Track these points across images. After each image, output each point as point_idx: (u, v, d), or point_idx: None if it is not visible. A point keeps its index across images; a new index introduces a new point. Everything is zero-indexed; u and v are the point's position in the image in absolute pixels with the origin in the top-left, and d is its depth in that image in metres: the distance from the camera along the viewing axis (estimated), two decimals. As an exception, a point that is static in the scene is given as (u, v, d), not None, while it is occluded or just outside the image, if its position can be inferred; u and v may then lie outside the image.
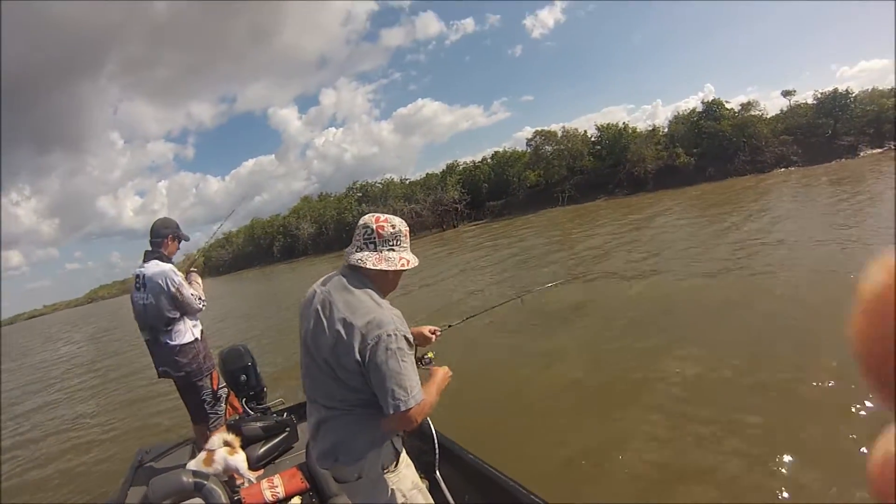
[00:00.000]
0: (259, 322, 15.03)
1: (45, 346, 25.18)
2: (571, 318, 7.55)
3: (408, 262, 1.63)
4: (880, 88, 33.62)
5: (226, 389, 3.36)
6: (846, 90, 31.52)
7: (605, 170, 31.73)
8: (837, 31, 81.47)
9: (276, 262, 46.35)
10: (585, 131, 34.82)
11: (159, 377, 3.16)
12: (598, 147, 33.22)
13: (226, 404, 3.35)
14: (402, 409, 1.51)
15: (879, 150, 29.37)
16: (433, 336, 2.14)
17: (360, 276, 1.61)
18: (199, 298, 3.13)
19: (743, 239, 10.76)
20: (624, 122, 33.71)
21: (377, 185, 43.43)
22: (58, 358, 18.53)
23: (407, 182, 42.19)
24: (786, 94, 34.11)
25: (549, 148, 33.98)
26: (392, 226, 1.61)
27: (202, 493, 2.45)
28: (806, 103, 33.00)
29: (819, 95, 32.14)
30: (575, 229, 19.76)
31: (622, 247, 13.04)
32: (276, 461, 3.34)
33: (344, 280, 1.62)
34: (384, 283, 1.64)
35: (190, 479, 2.46)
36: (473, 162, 38.85)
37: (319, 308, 1.59)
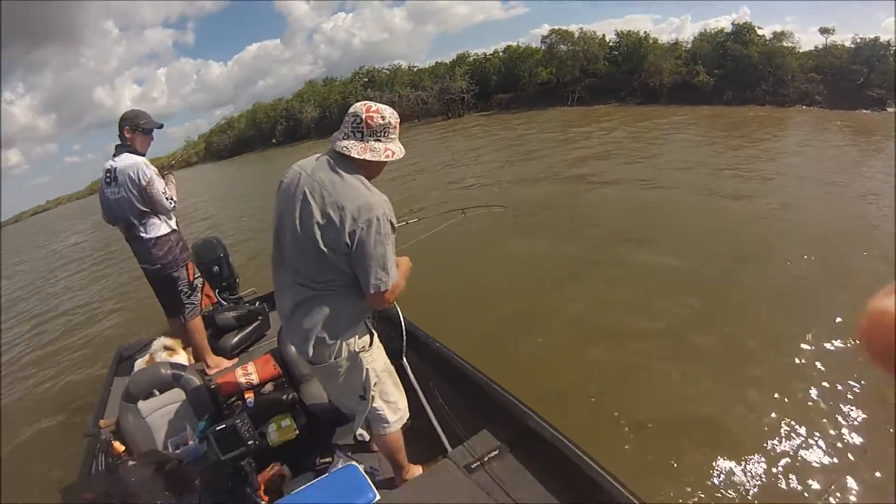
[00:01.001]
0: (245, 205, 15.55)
1: (51, 239, 25.36)
2: (542, 218, 7.79)
3: (393, 153, 1.64)
4: None
5: (201, 280, 3.30)
6: (888, 41, 30.04)
7: (619, 76, 30.43)
8: None
9: (278, 145, 45.67)
10: (604, 35, 33.28)
11: (141, 268, 3.11)
12: (616, 53, 31.86)
13: (201, 294, 3.28)
14: (382, 289, 1.59)
15: None
16: None
17: (348, 161, 1.62)
18: (170, 199, 2.98)
19: (739, 164, 10.39)
20: (645, 32, 32.12)
21: (384, 70, 42.28)
22: (67, 246, 19.27)
23: (415, 69, 40.98)
24: (823, 31, 32.24)
25: (564, 47, 32.51)
26: (382, 117, 1.61)
27: (180, 384, 2.53)
28: (843, 45, 31.46)
29: (858, 40, 30.68)
30: (578, 129, 19.43)
31: (617, 153, 12.89)
32: (250, 349, 3.43)
33: (333, 164, 1.63)
34: (369, 169, 1.66)
35: (168, 371, 2.55)
36: (485, 54, 37.61)
37: (307, 191, 1.59)
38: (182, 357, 3.04)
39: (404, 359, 2.45)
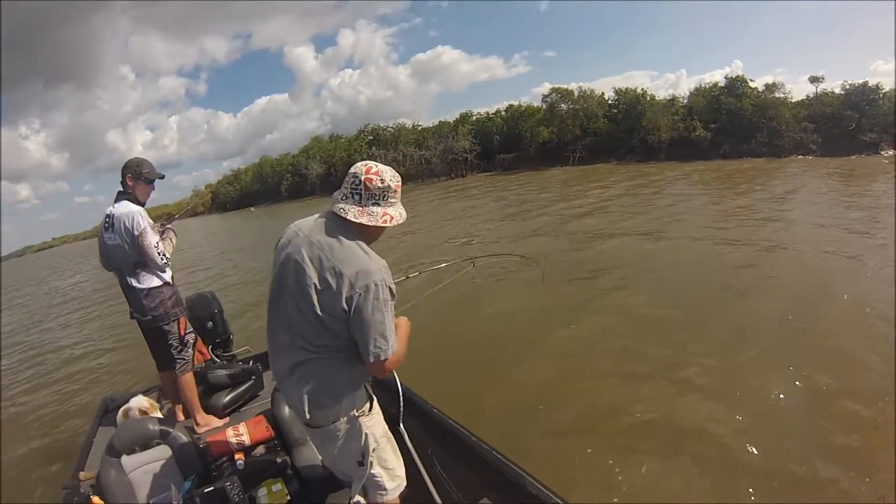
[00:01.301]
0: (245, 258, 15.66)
1: (54, 276, 26.31)
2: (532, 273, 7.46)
3: (391, 218, 1.59)
4: None
5: (193, 335, 3.23)
6: (877, 85, 30.59)
7: (618, 134, 31.41)
8: (878, 23, 78.80)
9: (284, 200, 46.48)
10: (603, 93, 34.41)
11: (131, 318, 3.06)
12: (615, 111, 32.87)
13: (193, 350, 3.22)
14: (382, 357, 1.55)
15: None
16: None
17: (346, 224, 1.58)
18: (162, 254, 2.92)
19: (739, 214, 10.78)
20: (643, 89, 33.30)
21: (389, 129, 43.29)
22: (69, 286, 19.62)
23: (419, 128, 42.00)
24: (813, 80, 33.00)
25: (564, 106, 33.58)
26: (381, 180, 1.56)
27: (167, 440, 2.46)
28: (833, 93, 32.04)
29: (847, 86, 31.09)
30: (576, 188, 20.05)
31: (616, 209, 13.15)
32: (242, 409, 3.33)
33: (331, 226, 1.60)
34: (368, 233, 1.62)
35: (156, 427, 2.50)
36: (487, 113, 38.75)
37: (306, 254, 1.56)
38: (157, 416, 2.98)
39: (402, 425, 2.36)
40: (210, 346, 3.95)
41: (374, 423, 1.77)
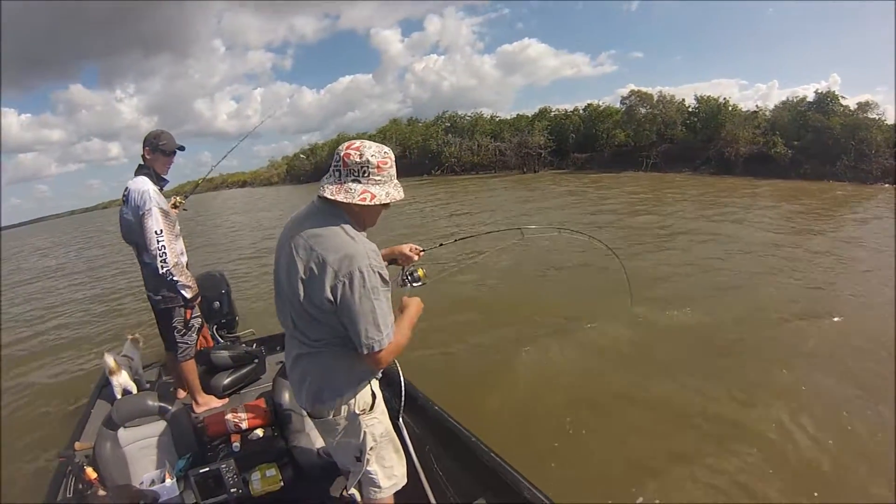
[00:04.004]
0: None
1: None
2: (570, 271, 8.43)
3: (372, 196, 1.50)
4: None
5: (199, 320, 3.15)
6: None
7: (696, 143, 30.81)
8: None
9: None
10: (683, 100, 33.63)
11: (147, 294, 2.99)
12: (694, 119, 32.27)
13: (198, 336, 3.14)
14: (376, 349, 1.48)
15: None
16: (415, 255, 2.10)
17: (335, 209, 1.53)
18: (162, 248, 2.70)
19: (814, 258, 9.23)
20: (725, 98, 32.12)
21: (467, 117, 44.03)
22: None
23: (497, 120, 42.64)
24: (914, 101, 31.27)
25: (643, 110, 33.20)
26: (360, 155, 1.49)
27: (166, 417, 2.45)
28: None
29: None
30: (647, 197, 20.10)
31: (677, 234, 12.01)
32: (242, 391, 3.31)
33: (317, 212, 1.56)
34: (359, 216, 1.56)
35: (155, 403, 2.46)
36: (565, 110, 38.52)
37: (293, 244, 1.52)
38: (123, 379, 2.98)
39: (401, 420, 2.33)
40: (214, 326, 3.96)
41: (375, 422, 1.73)
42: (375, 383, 1.75)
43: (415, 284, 2.06)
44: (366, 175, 1.50)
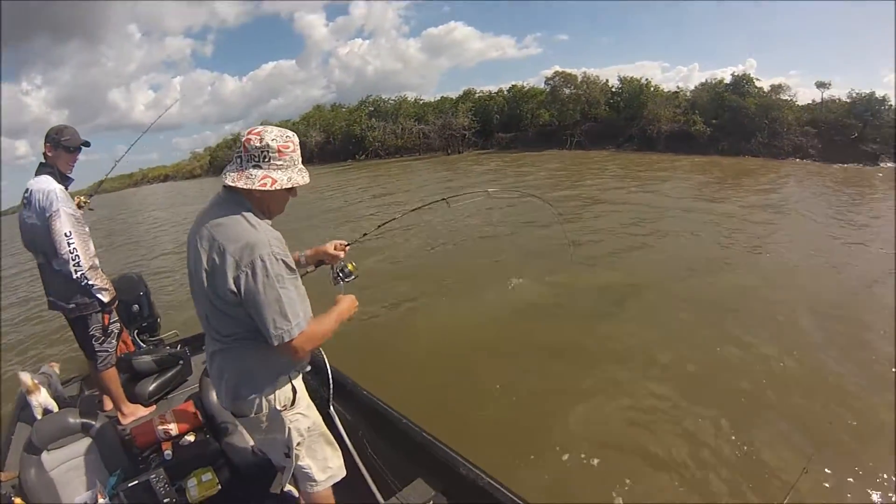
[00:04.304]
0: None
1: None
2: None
3: (273, 181, 1.45)
4: None
5: (118, 325, 3.00)
6: (883, 97, 30.37)
7: (619, 122, 31.14)
8: None
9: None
10: (607, 80, 34.11)
11: (49, 308, 2.79)
12: (618, 98, 32.56)
13: (118, 341, 3.01)
14: (286, 339, 1.42)
15: None
16: (341, 252, 2.04)
17: (238, 197, 1.48)
18: (74, 252, 2.51)
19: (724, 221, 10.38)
20: (647, 79, 32.91)
21: (390, 101, 42.95)
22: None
23: (420, 102, 41.76)
24: (819, 85, 32.71)
25: (567, 90, 33.26)
26: (260, 139, 1.44)
27: (90, 433, 2.35)
28: (839, 100, 31.97)
29: (854, 95, 30.97)
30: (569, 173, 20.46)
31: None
32: (169, 396, 3.22)
33: (220, 201, 1.50)
34: (263, 203, 1.51)
35: (77, 420, 2.35)
36: (490, 92, 38.42)
37: (197, 236, 1.46)
38: (42, 398, 2.77)
39: (332, 408, 2.30)
40: (135, 331, 3.82)
41: (299, 417, 1.68)
42: (299, 377, 1.70)
43: (347, 280, 2.01)
44: (266, 160, 1.46)
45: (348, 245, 2.08)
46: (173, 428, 2.46)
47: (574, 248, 7.88)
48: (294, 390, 1.65)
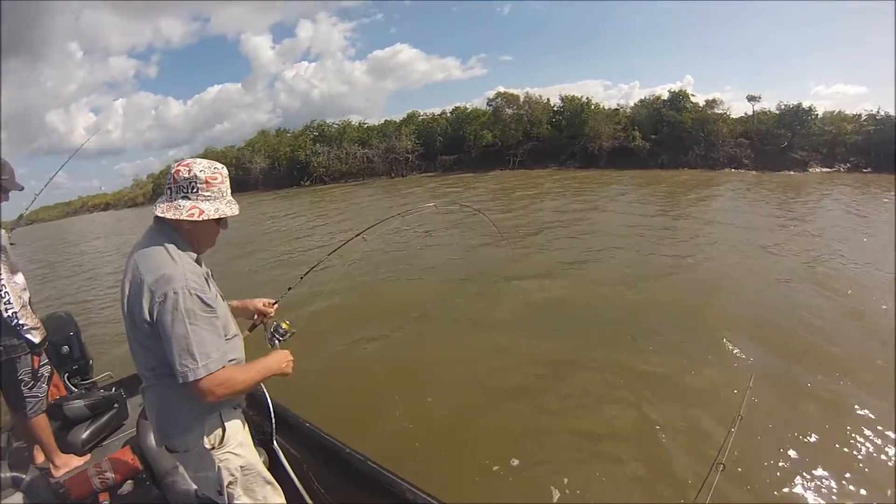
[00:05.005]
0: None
1: None
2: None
3: (200, 212, 1.46)
4: (845, 113, 34.24)
5: (49, 368, 2.83)
6: (809, 107, 32.09)
7: (561, 140, 31.39)
8: (827, 51, 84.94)
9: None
10: (549, 100, 34.42)
11: None
12: (560, 117, 32.85)
13: (48, 386, 2.81)
14: (191, 378, 1.37)
15: (828, 170, 29.94)
16: (270, 308, 2.02)
17: (167, 228, 1.49)
18: (2, 285, 2.40)
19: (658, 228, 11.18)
20: (588, 97, 33.39)
21: (334, 126, 42.07)
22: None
23: (365, 126, 41.09)
24: (750, 98, 34.34)
25: (509, 111, 33.41)
26: (189, 170, 1.46)
27: (21, 488, 2.27)
28: (770, 112, 33.48)
29: (783, 107, 32.67)
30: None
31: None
32: (105, 443, 3.05)
33: (151, 231, 1.50)
34: (192, 235, 1.51)
35: (7, 474, 2.30)
36: (433, 114, 38.27)
37: (127, 266, 1.46)
38: None
39: (275, 444, 2.25)
40: (66, 375, 3.60)
41: (230, 456, 1.62)
42: (229, 412, 1.64)
43: (283, 339, 1.97)
44: (194, 191, 1.47)
45: (275, 303, 2.06)
46: (110, 477, 2.41)
47: (513, 261, 8.32)
48: (224, 429, 1.60)
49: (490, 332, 5.62)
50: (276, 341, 1.97)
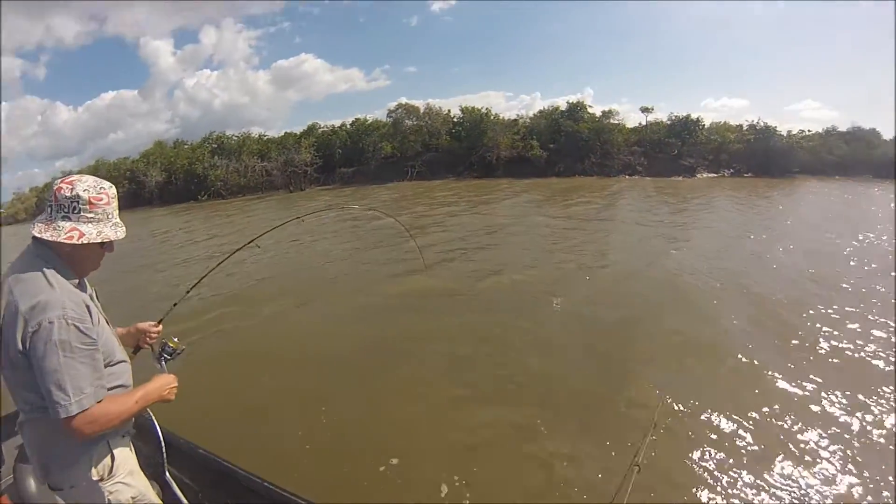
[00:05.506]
0: None
1: None
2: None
3: (81, 234, 1.36)
4: (729, 123, 36.78)
5: None
6: (697, 118, 34.26)
7: (459, 150, 31.25)
8: (716, 65, 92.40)
9: (121, 209, 41.45)
10: (449, 111, 34.34)
11: None
12: (459, 128, 32.74)
13: None
14: (62, 415, 1.27)
15: (714, 175, 32.11)
16: (154, 329, 1.92)
17: (45, 250, 1.39)
18: None
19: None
20: (487, 108, 33.55)
21: (234, 138, 40.02)
22: None
23: (264, 139, 39.43)
24: (644, 110, 36.15)
25: (409, 122, 33.05)
26: (71, 189, 1.38)
27: None
28: (662, 122, 35.35)
29: (673, 118, 34.69)
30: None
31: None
32: None
33: (27, 254, 1.40)
34: (74, 259, 1.42)
35: None
36: (333, 126, 37.15)
37: (2, 291, 1.36)
38: None
39: (167, 474, 2.04)
40: None
41: (119, 487, 1.53)
42: (118, 441, 1.58)
43: (172, 358, 1.95)
44: (76, 211, 1.38)
45: (160, 321, 1.99)
46: None
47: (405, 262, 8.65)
48: (113, 458, 1.53)
49: (370, 326, 5.83)
50: (164, 360, 1.92)
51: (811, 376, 4.35)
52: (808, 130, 36.21)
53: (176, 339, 1.99)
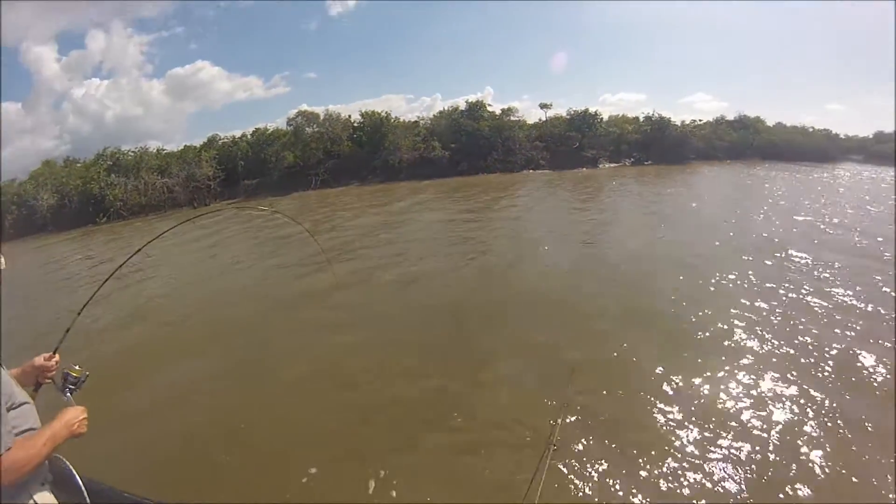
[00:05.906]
0: None
1: None
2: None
3: None
4: (626, 116, 38.98)
5: None
6: (595, 112, 35.91)
7: (362, 156, 31.01)
8: (614, 62, 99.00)
9: (10, 238, 38.34)
10: (349, 116, 34.00)
11: None
12: (360, 133, 32.46)
13: None
14: None
15: (615, 164, 33.79)
16: (50, 363, 1.86)
17: None
18: None
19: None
20: (387, 112, 33.50)
21: (130, 154, 38.01)
22: None
23: (164, 153, 37.75)
24: (543, 106, 37.53)
25: (309, 129, 32.42)
26: None
27: None
28: (561, 117, 36.84)
29: (572, 112, 36.17)
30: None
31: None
32: None
33: None
34: None
35: None
36: (234, 137, 35.97)
37: None
38: None
39: None
40: None
41: None
42: (41, 490, 1.53)
43: (75, 388, 1.87)
44: None
45: (55, 352, 1.93)
46: None
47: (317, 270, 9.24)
48: None
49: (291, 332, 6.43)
50: (69, 392, 1.86)
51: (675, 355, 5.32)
52: (700, 120, 39.17)
53: (77, 367, 1.92)
